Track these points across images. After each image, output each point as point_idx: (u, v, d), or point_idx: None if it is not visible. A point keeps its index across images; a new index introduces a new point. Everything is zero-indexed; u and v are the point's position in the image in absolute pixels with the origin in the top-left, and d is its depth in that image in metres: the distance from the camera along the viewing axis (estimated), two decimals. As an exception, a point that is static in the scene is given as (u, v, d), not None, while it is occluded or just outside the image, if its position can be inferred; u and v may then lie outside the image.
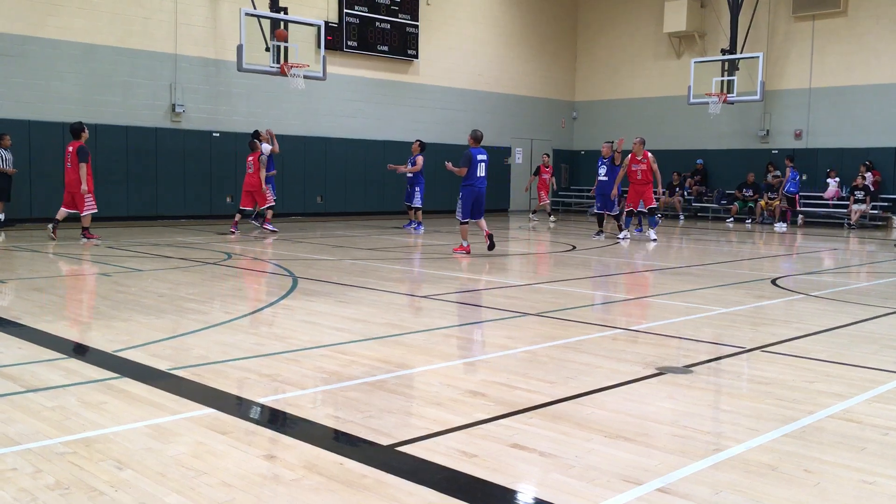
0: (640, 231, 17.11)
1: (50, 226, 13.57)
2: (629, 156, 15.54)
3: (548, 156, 21.55)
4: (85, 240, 13.25)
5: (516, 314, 7.25)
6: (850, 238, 17.78)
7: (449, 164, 12.64)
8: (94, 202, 13.59)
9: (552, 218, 20.92)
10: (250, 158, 15.74)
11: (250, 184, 15.62)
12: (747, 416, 4.22)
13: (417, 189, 16.99)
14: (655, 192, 15.72)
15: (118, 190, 17.29)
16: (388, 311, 7.25)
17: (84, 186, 13.31)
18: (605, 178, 16.46)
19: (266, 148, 15.80)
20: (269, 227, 15.75)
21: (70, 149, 13.44)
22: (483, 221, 12.45)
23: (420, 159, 16.84)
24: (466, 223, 12.38)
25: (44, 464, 3.37)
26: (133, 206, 17.53)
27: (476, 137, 12.27)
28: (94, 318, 6.68)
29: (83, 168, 13.27)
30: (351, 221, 19.80)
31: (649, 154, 15.38)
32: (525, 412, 4.21)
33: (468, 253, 12.25)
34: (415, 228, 17.00)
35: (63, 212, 13.60)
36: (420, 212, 17.18)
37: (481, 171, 12.15)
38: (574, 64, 27.53)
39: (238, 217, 15.80)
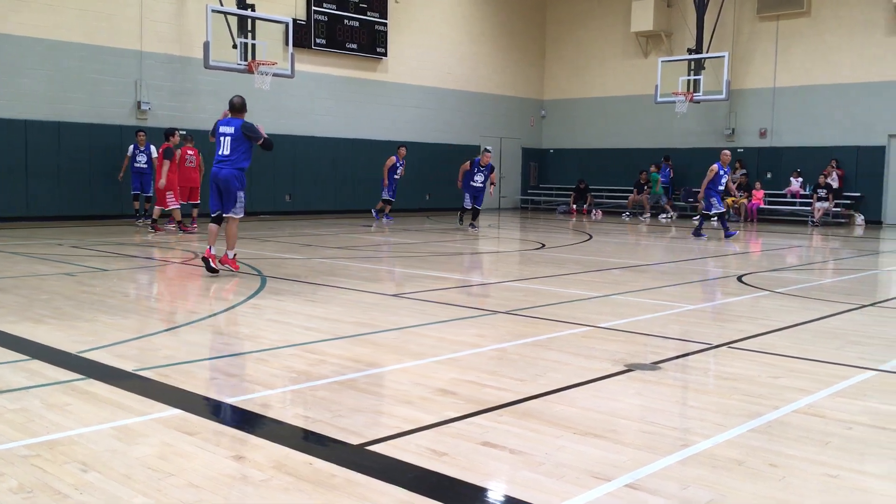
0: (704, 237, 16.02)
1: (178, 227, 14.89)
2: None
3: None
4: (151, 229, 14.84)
5: (486, 312, 7.26)
6: (814, 235, 18.06)
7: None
8: (173, 199, 14.81)
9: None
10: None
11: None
12: (714, 412, 4.27)
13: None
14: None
15: (82, 188, 17.06)
16: (357, 310, 7.22)
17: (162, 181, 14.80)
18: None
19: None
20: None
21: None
22: (232, 223, 9.24)
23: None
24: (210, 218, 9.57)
25: (6, 467, 3.31)
26: (98, 204, 17.28)
27: (230, 104, 9.24)
28: (57, 318, 6.58)
29: (166, 165, 14.61)
30: (319, 220, 19.72)
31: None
32: (495, 410, 4.22)
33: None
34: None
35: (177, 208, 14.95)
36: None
37: (224, 147, 9.06)
38: (543, 62, 27.64)
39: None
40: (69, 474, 3.25)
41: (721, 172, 15.77)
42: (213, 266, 9.16)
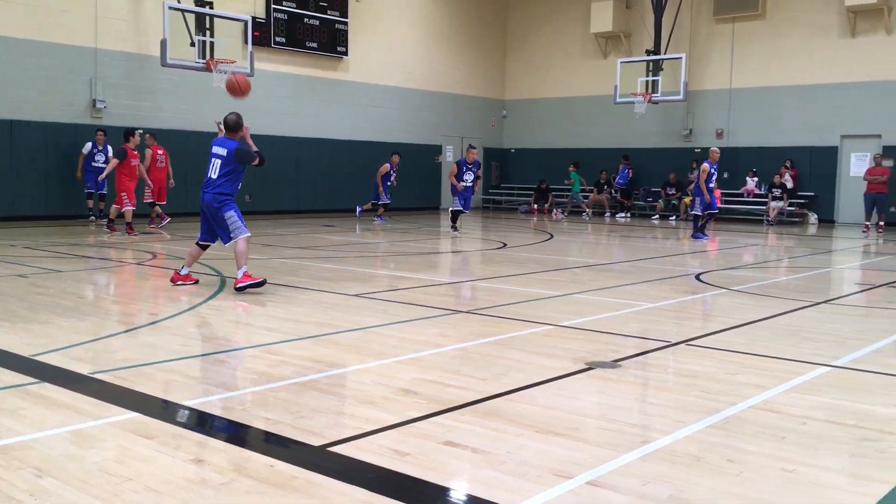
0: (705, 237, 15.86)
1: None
2: None
3: None
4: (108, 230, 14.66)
5: (448, 312, 7.27)
6: (769, 234, 18.38)
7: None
8: (128, 200, 14.37)
9: None
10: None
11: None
12: (673, 409, 4.32)
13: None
14: None
15: (36, 188, 16.72)
16: (318, 310, 7.18)
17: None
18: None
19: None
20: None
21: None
22: (239, 242, 8.30)
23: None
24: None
25: (-43, 474, 3.23)
26: (52, 205, 16.94)
27: (224, 123, 8.44)
28: (9, 320, 6.43)
29: (113, 162, 14.45)
30: (281, 220, 19.57)
31: None
32: (457, 409, 4.22)
33: (259, 282, 8.22)
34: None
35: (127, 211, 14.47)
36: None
37: (213, 170, 8.33)
38: (504, 63, 27.75)
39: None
40: (24, 480, 3.18)
41: (713, 171, 15.69)
42: (180, 282, 8.52)
